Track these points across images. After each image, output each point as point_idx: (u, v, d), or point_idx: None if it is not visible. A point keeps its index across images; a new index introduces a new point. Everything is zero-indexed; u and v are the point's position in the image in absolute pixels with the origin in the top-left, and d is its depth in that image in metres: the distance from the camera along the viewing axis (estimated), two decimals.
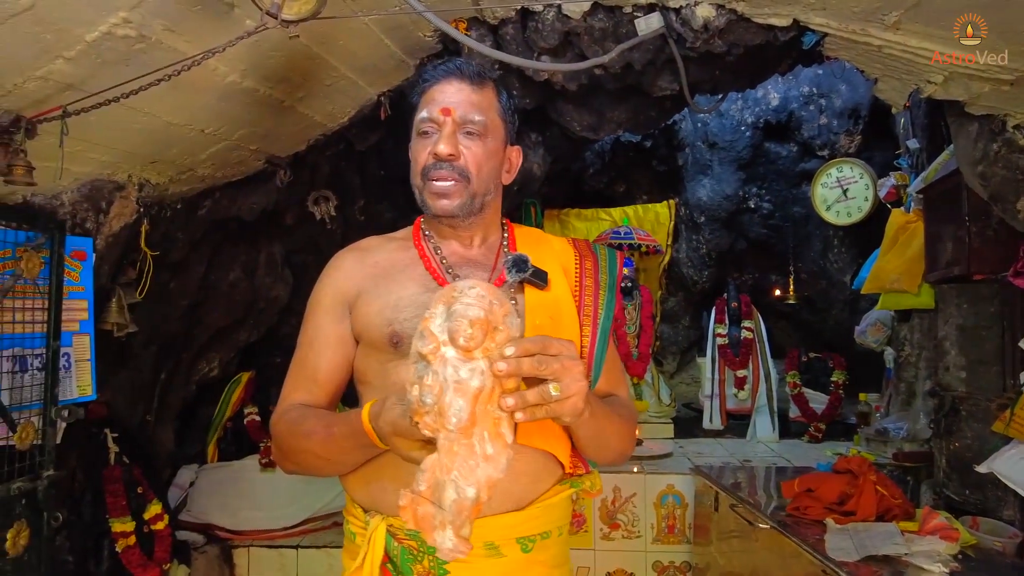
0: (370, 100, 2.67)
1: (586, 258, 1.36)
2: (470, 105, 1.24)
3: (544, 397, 0.88)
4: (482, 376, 0.84)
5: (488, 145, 1.25)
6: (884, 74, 2.16)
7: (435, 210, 1.24)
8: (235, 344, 3.61)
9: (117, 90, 1.55)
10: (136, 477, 2.63)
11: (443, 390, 0.83)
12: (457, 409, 0.82)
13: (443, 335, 0.85)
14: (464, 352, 0.84)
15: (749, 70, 2.51)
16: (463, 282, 0.90)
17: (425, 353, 0.85)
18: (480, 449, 0.84)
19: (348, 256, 1.33)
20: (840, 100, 3.96)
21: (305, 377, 1.28)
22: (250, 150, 2.55)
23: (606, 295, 1.31)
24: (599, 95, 2.64)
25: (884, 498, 2.23)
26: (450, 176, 1.22)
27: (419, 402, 0.84)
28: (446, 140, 1.21)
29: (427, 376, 0.84)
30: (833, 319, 4.26)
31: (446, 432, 0.84)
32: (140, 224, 2.37)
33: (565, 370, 0.88)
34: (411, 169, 1.29)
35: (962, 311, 2.56)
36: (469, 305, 0.86)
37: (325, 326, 1.28)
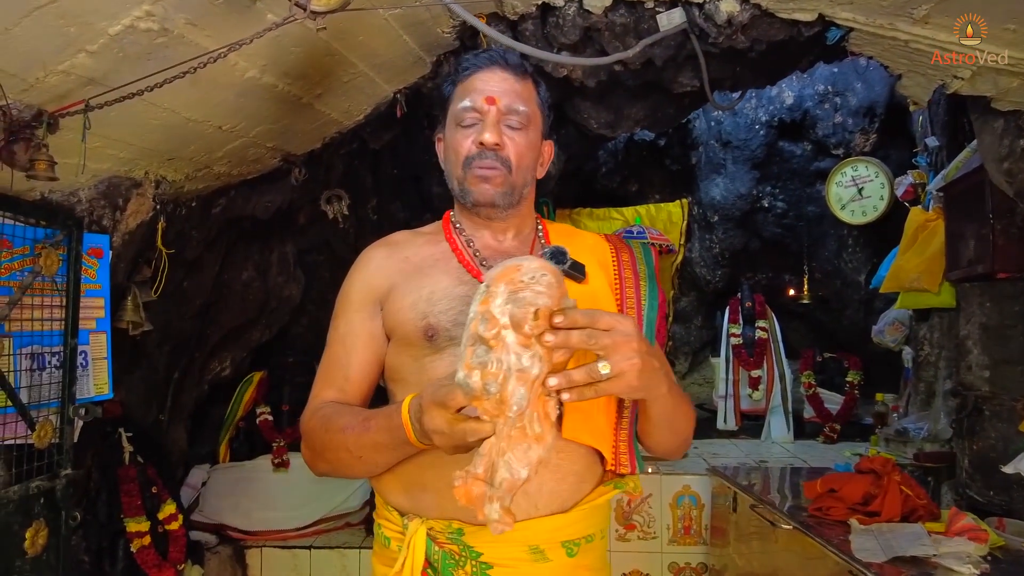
0: (386, 98, 2.66)
1: (622, 251, 1.33)
2: (515, 95, 1.22)
3: (592, 376, 0.84)
4: (541, 363, 0.82)
5: (529, 136, 1.23)
6: (909, 70, 2.13)
7: (476, 195, 1.21)
8: (247, 344, 3.59)
9: (140, 84, 1.53)
10: (150, 477, 2.61)
11: (506, 379, 0.81)
12: (519, 398, 0.80)
13: (504, 318, 0.82)
14: (525, 339, 0.82)
15: (770, 67, 2.49)
16: (530, 262, 0.86)
17: (488, 337, 0.82)
18: (531, 431, 0.83)
19: (378, 251, 1.31)
20: (856, 98, 3.93)
21: (337, 375, 1.25)
22: (266, 147, 2.53)
23: (647, 285, 1.29)
24: (617, 92, 2.62)
25: (909, 498, 2.20)
26: (494, 165, 1.20)
27: (482, 389, 0.81)
28: (492, 129, 1.18)
29: (490, 363, 0.81)
30: (847, 319, 4.22)
31: (505, 419, 0.82)
32: (156, 222, 2.35)
33: (616, 346, 0.84)
34: (448, 161, 1.26)
35: (985, 310, 2.53)
36: (539, 294, 0.83)
37: (356, 323, 1.25)
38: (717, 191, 4.29)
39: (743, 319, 4.19)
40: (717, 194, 4.28)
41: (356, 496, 3.51)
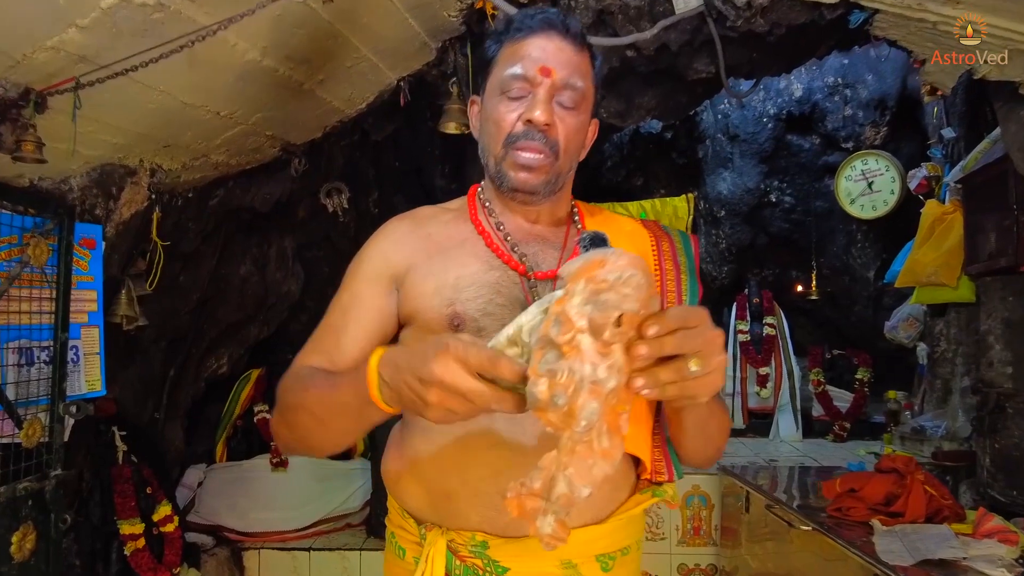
0: (389, 85, 2.57)
1: (662, 239, 1.21)
2: (572, 68, 1.07)
3: (681, 374, 0.74)
4: (618, 375, 0.71)
5: (580, 117, 1.10)
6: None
7: (515, 183, 1.08)
8: (245, 340, 3.51)
9: (133, 60, 1.44)
10: (145, 477, 2.52)
11: (577, 391, 0.70)
12: (590, 413, 0.70)
13: (582, 321, 0.71)
14: (604, 346, 0.71)
15: (787, 53, 2.41)
16: (617, 258, 0.73)
17: (560, 343, 0.71)
18: (598, 446, 0.72)
19: (401, 224, 1.18)
20: (866, 90, 3.86)
21: (328, 341, 1.10)
22: (266, 136, 2.44)
23: (688, 279, 1.18)
24: (629, 79, 2.54)
25: (933, 499, 2.12)
26: (541, 149, 1.06)
27: (549, 401, 0.71)
28: (543, 106, 1.04)
29: (560, 372, 0.70)
30: (856, 315, 4.15)
31: (572, 433, 0.71)
32: (151, 212, 2.26)
33: (707, 343, 0.74)
34: (484, 132, 1.13)
35: (1008, 304, 2.45)
36: (626, 297, 0.71)
37: (365, 295, 1.11)
38: (724, 185, 4.21)
39: (750, 315, 4.11)
40: (724, 188, 4.21)
41: (357, 496, 3.42)
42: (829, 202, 4.04)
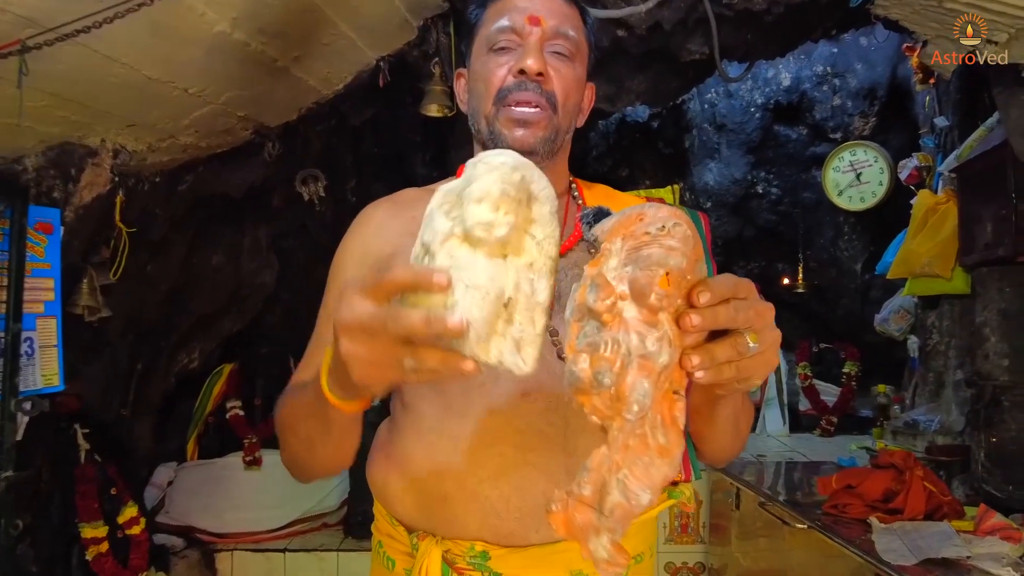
0: (368, 65, 2.45)
1: None
2: (563, 17, 1.01)
3: (740, 351, 0.62)
4: (670, 347, 0.60)
5: (576, 69, 1.02)
6: (938, 35, 1.98)
7: (510, 141, 0.99)
8: (218, 334, 3.37)
9: (86, 21, 1.31)
10: (110, 477, 2.39)
11: (624, 367, 0.59)
12: (641, 394, 0.59)
13: (622, 285, 0.61)
14: (650, 313, 0.60)
15: (783, 34, 2.33)
16: (656, 209, 0.64)
17: (599, 311, 0.60)
18: (653, 440, 0.61)
19: (380, 209, 1.09)
20: (856, 80, 3.80)
21: (319, 355, 1.02)
22: (237, 117, 2.32)
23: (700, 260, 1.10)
24: (619, 61, 2.45)
25: (933, 495, 2.06)
26: (536, 100, 0.97)
27: (591, 380, 0.60)
28: (535, 54, 0.97)
29: (603, 345, 0.60)
30: (843, 308, 4.10)
31: (622, 422, 0.60)
32: (114, 196, 2.13)
33: (760, 316, 0.64)
34: (473, 95, 1.05)
35: (1005, 295, 2.40)
36: (671, 250, 0.60)
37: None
38: (710, 176, 4.14)
39: None
40: (710, 179, 4.13)
41: (334, 495, 3.31)
42: (817, 193, 3.98)
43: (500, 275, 0.63)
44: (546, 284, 0.66)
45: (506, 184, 0.63)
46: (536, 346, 0.64)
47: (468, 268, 0.61)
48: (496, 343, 0.62)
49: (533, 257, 0.65)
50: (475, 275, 0.61)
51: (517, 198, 0.64)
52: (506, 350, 0.62)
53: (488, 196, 0.62)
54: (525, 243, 0.65)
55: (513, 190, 0.63)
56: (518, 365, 0.62)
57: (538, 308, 0.64)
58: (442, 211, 0.65)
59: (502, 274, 0.63)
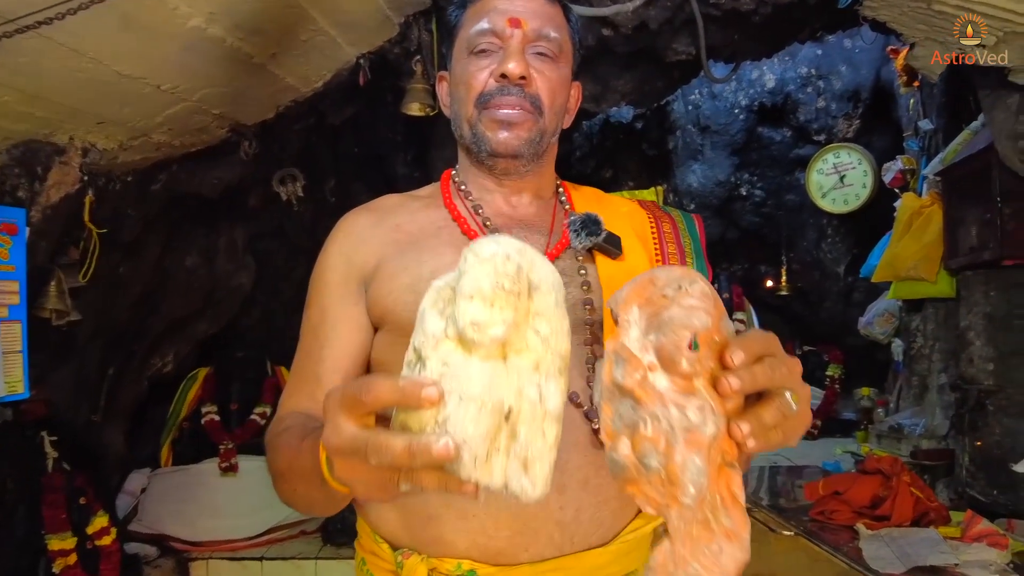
0: (348, 63, 2.40)
1: (662, 220, 1.10)
2: (545, 18, 0.97)
3: (785, 413, 0.58)
4: (714, 415, 0.55)
5: (561, 70, 0.99)
6: (926, 37, 1.96)
7: (494, 145, 0.96)
8: (192, 337, 3.29)
9: (49, 12, 1.25)
10: (79, 486, 2.31)
11: (671, 444, 0.53)
12: (695, 472, 0.53)
13: (648, 355, 0.56)
14: (684, 380, 0.55)
15: (771, 34, 2.30)
16: (667, 271, 0.59)
17: (630, 387, 0.55)
18: (716, 524, 0.55)
19: (361, 218, 1.03)
20: (840, 82, 3.80)
21: (308, 377, 0.97)
22: (213, 115, 2.25)
23: (695, 262, 1.06)
24: (605, 61, 2.41)
25: (920, 501, 2.05)
26: (519, 104, 0.94)
27: (637, 465, 0.54)
28: (517, 57, 0.93)
29: (642, 424, 0.54)
30: (826, 311, 4.10)
31: (680, 508, 0.54)
32: (84, 195, 2.05)
33: (792, 372, 0.59)
34: (455, 99, 1.01)
35: (990, 299, 2.39)
36: (693, 310, 0.56)
37: (333, 309, 0.98)
38: (694, 178, 4.12)
39: None
40: (694, 181, 4.12)
41: None
42: (800, 196, 3.98)
43: (499, 382, 0.55)
44: (556, 387, 0.57)
45: (500, 276, 0.55)
46: (547, 462, 0.56)
47: (462, 376, 0.54)
48: (499, 463, 0.55)
49: (539, 356, 0.57)
50: (470, 384, 0.54)
51: (514, 291, 0.56)
52: (512, 471, 0.55)
53: (479, 292, 0.55)
54: (528, 340, 0.57)
55: (508, 282, 0.56)
56: (525, 489, 0.55)
57: (548, 417, 0.57)
58: (435, 310, 0.58)
59: (501, 380, 0.55)
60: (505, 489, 0.55)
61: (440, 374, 0.55)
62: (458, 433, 0.52)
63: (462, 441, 0.52)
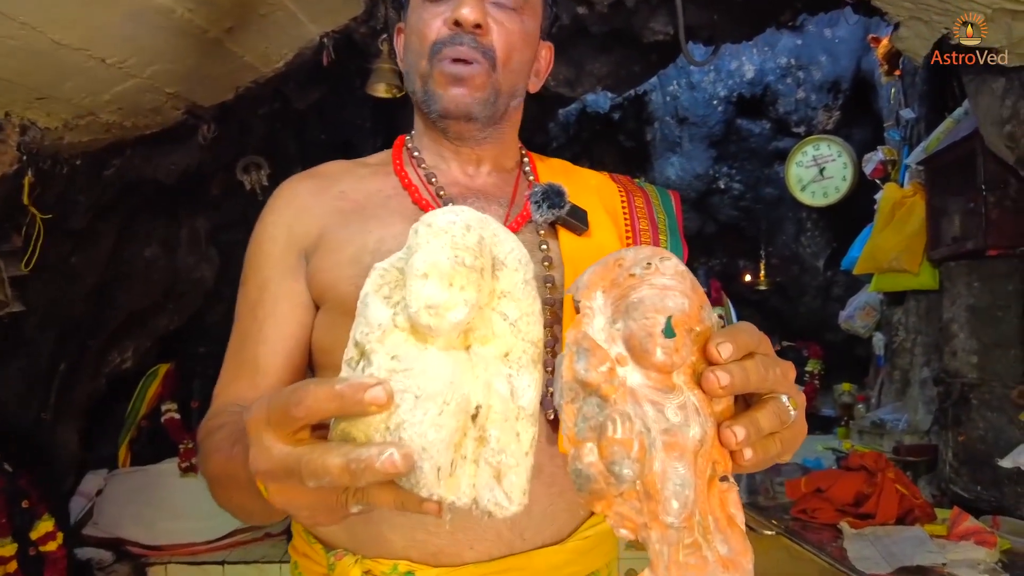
0: (312, 42, 2.29)
1: (634, 195, 1.01)
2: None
3: (783, 419, 0.50)
4: (699, 419, 0.46)
5: (524, 23, 0.89)
6: (912, 16, 1.89)
7: (444, 103, 0.87)
8: (152, 332, 3.16)
9: None
10: (22, 488, 2.17)
11: (646, 450, 0.43)
12: (678, 483, 0.44)
13: (617, 345, 0.47)
14: (660, 374, 0.46)
15: (751, 15, 2.22)
16: (638, 250, 0.50)
17: (595, 382, 0.45)
18: (710, 551, 0.45)
19: (302, 185, 0.94)
20: (820, 73, 3.74)
21: (246, 362, 0.88)
22: (166, 94, 2.12)
23: (669, 240, 0.97)
24: (580, 43, 2.32)
25: (905, 498, 1.98)
26: (472, 55, 0.85)
27: (606, 476, 0.43)
28: (472, 3, 0.84)
29: (611, 425, 0.43)
30: (805, 306, 4.05)
31: (662, 530, 0.44)
32: (22, 176, 1.92)
33: (786, 375, 0.51)
34: (409, 52, 0.92)
35: (973, 290, 2.33)
36: (666, 290, 0.47)
37: (273, 284, 0.89)
38: (672, 170, 4.05)
39: None
40: (672, 174, 4.05)
41: None
42: (779, 189, 3.93)
43: (463, 376, 0.47)
44: (530, 380, 0.49)
45: (459, 250, 0.47)
46: (524, 471, 0.47)
47: (417, 371, 0.45)
48: (466, 473, 0.46)
49: (508, 344, 0.49)
50: (427, 380, 0.45)
51: (476, 267, 0.47)
52: (482, 483, 0.46)
53: (436, 269, 0.46)
54: (495, 326, 0.49)
55: (469, 256, 0.47)
56: (499, 503, 0.46)
57: (522, 415, 0.48)
58: (379, 295, 0.49)
59: (466, 374, 0.47)
60: (475, 505, 0.46)
61: (390, 371, 0.45)
62: (415, 440, 0.43)
63: (421, 449, 0.43)
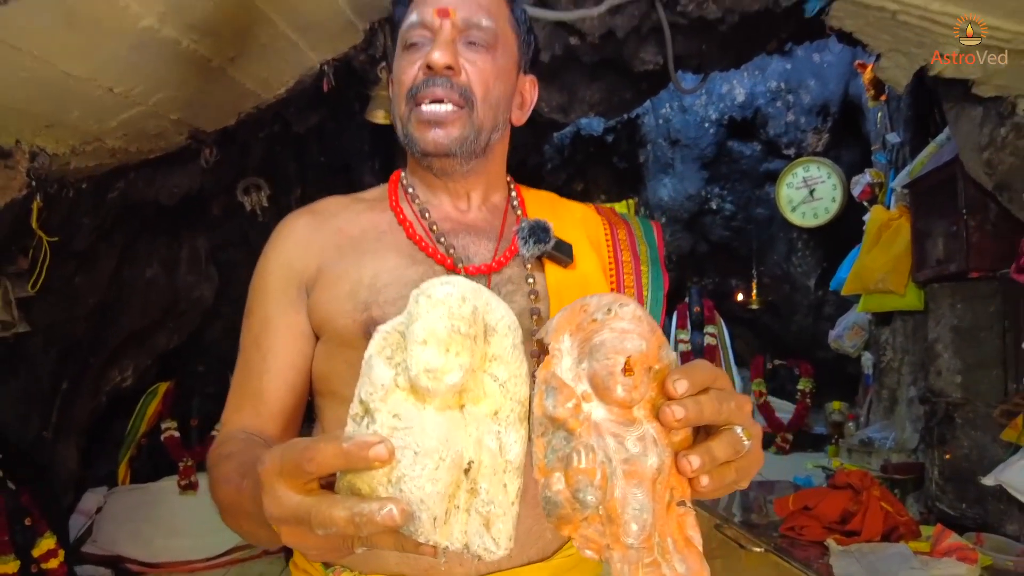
0: (312, 69, 2.35)
1: (617, 227, 1.06)
2: (475, 6, 0.93)
3: (737, 449, 0.54)
4: (657, 449, 0.51)
5: (498, 61, 0.94)
6: (892, 48, 1.96)
7: (422, 145, 0.91)
8: (152, 350, 3.21)
9: None
10: (24, 505, 2.21)
11: (607, 478, 0.49)
12: (637, 507, 0.49)
13: (582, 384, 0.52)
14: (621, 409, 0.52)
15: (738, 45, 2.30)
16: (598, 297, 0.56)
17: (562, 417, 0.51)
18: (669, 570, 0.50)
19: (301, 221, 0.99)
20: (809, 96, 3.82)
21: (250, 387, 0.93)
22: (170, 120, 2.18)
23: (650, 270, 1.02)
24: (572, 70, 2.39)
25: (890, 515, 2.02)
26: (447, 96, 0.90)
27: (571, 502, 0.50)
28: (443, 47, 0.89)
29: (576, 457, 0.50)
30: (796, 325, 4.11)
31: (623, 550, 0.50)
32: (31, 201, 1.98)
33: (742, 409, 0.56)
34: (394, 98, 0.97)
35: (956, 311, 2.39)
36: (625, 333, 0.52)
37: (275, 318, 0.94)
38: (665, 191, 4.12)
39: (692, 325, 4.02)
40: (665, 194, 4.12)
41: None
42: (770, 210, 4.00)
43: (457, 433, 0.52)
44: (517, 436, 0.55)
45: (455, 319, 0.52)
46: (510, 518, 0.53)
47: (416, 429, 0.51)
48: (459, 522, 0.51)
49: (498, 404, 0.55)
50: (425, 437, 0.50)
51: (470, 334, 0.53)
52: (472, 530, 0.52)
53: (434, 336, 0.51)
54: (486, 387, 0.55)
55: (464, 325, 0.52)
56: (488, 549, 0.52)
57: (509, 469, 0.54)
58: (382, 357, 0.54)
59: (459, 431, 0.52)
60: (466, 550, 0.52)
61: (391, 428, 0.51)
62: (414, 492, 0.49)
63: (419, 500, 0.49)
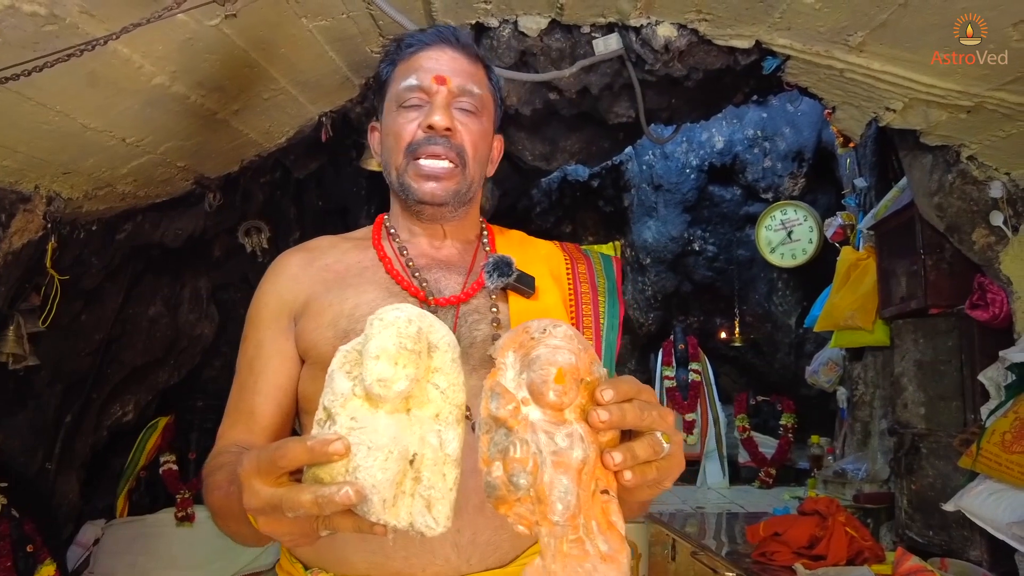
0: (311, 121, 2.51)
1: (578, 262, 1.19)
2: (467, 75, 1.07)
3: (656, 450, 0.64)
4: (583, 444, 0.62)
5: (483, 124, 1.09)
6: (844, 101, 2.13)
7: (420, 195, 1.05)
8: (153, 386, 3.31)
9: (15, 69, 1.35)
10: (27, 533, 2.30)
11: (538, 466, 0.60)
12: (562, 491, 0.60)
13: (522, 391, 0.64)
14: (554, 412, 0.63)
15: (705, 99, 2.47)
16: (540, 321, 0.68)
17: (504, 417, 0.63)
18: (593, 547, 0.61)
19: (293, 258, 1.11)
20: (784, 143, 4.01)
21: (243, 405, 1.04)
22: (177, 167, 2.34)
23: (607, 300, 1.15)
24: (552, 123, 2.56)
25: (855, 540, 2.12)
26: (445, 154, 1.04)
27: (507, 485, 0.61)
28: (442, 112, 1.03)
29: (513, 448, 0.61)
30: (779, 362, 4.22)
31: (550, 526, 0.60)
32: (46, 242, 2.12)
33: (663, 418, 0.66)
34: (386, 149, 1.10)
35: (919, 346, 2.51)
36: (557, 348, 0.64)
37: (267, 344, 1.05)
38: (649, 234, 4.28)
39: (676, 362, 4.14)
40: (649, 236, 4.27)
41: (269, 552, 3.21)
42: (750, 251, 4.14)
43: (404, 432, 0.63)
44: (454, 434, 0.65)
45: (403, 338, 0.64)
46: (448, 503, 0.64)
47: (369, 429, 0.62)
48: (405, 504, 0.62)
49: (439, 407, 0.66)
50: (377, 435, 0.61)
51: (415, 350, 0.64)
52: (416, 511, 0.63)
53: (385, 352, 0.63)
54: (429, 394, 0.66)
55: (411, 343, 0.64)
56: (429, 526, 0.63)
57: (448, 461, 0.65)
58: (343, 371, 0.65)
59: (406, 430, 0.63)
60: (411, 527, 0.62)
61: (349, 428, 0.62)
62: (367, 479, 0.60)
63: (371, 486, 0.60)
